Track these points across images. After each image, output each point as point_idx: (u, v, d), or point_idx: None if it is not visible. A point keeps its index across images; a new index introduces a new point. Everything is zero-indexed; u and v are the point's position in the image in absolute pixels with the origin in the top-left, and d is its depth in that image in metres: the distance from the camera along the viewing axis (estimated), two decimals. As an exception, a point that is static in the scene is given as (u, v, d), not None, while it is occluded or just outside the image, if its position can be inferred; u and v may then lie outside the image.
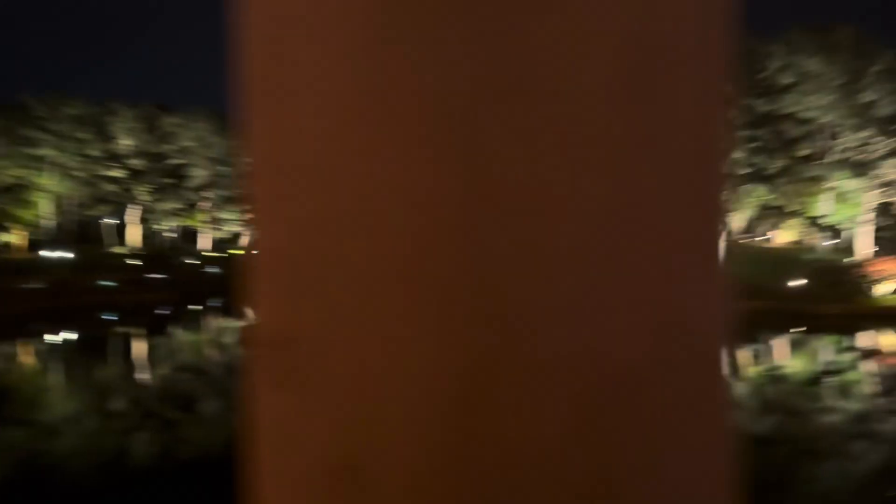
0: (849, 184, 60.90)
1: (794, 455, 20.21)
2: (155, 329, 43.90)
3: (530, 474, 0.38)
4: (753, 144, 53.55)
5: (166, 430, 21.07)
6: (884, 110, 58.05)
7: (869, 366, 32.35)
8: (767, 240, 73.38)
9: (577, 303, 0.45)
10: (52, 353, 37.84)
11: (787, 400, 26.36)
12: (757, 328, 43.70)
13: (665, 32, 0.41)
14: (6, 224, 72.75)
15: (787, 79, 58.32)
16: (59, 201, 76.87)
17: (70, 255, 63.02)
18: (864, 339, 39.58)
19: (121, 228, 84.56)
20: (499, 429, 0.39)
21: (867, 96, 58.41)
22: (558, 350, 0.44)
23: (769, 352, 37.05)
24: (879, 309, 45.07)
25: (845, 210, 64.81)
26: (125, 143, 79.61)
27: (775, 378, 30.18)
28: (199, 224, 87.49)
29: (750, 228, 74.73)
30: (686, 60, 0.42)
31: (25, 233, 73.98)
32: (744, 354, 36.33)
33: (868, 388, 28.22)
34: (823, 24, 59.13)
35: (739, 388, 28.26)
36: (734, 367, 0.46)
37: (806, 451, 20.49)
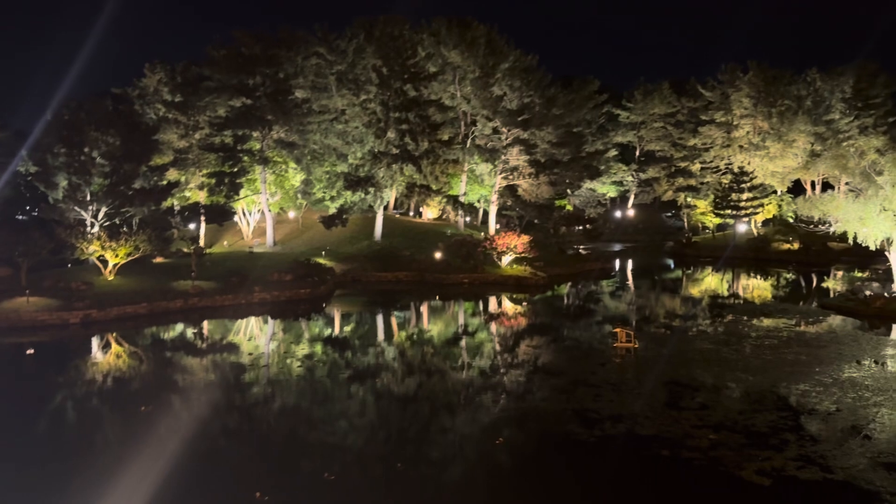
0: (481, 167, 68.35)
1: (433, 410, 21.64)
2: None
3: None
4: (403, 126, 56.69)
5: None
6: (511, 104, 66.08)
7: (495, 327, 36.36)
8: (415, 215, 79.06)
9: None
10: None
11: (429, 361, 28.26)
12: (404, 297, 46.65)
13: None
14: None
15: (432, 67, 62.94)
16: None
17: None
18: (492, 303, 44.61)
19: None
20: None
21: (498, 90, 65.87)
22: None
23: (415, 318, 39.59)
24: (503, 277, 51.44)
25: (479, 190, 72.69)
26: None
27: (420, 342, 32.22)
28: None
29: (400, 205, 79.64)
30: None
31: None
32: (393, 321, 38.31)
33: (494, 346, 31.63)
34: (463, 19, 64.95)
35: (388, 353, 29.42)
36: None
37: (444, 405, 22.09)
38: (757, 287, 52.85)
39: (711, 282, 56.32)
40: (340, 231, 58.86)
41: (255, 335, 34.51)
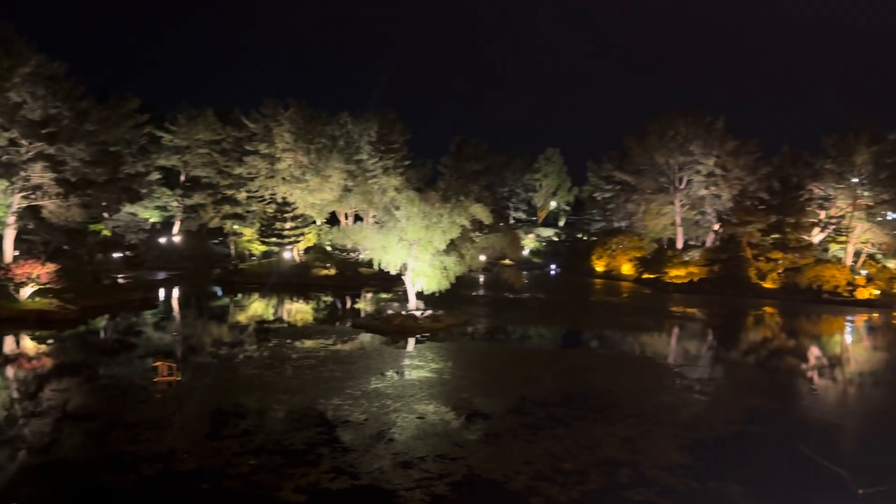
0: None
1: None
2: None
3: None
4: None
5: None
6: (33, 114, 57.77)
7: (12, 371, 31.08)
8: None
9: None
10: None
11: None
12: None
13: None
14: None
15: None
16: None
17: None
18: (7, 344, 38.07)
19: None
20: None
21: (16, 96, 56.96)
22: None
23: None
24: (22, 312, 44.31)
25: (-9, 211, 61.57)
26: None
27: None
28: None
29: None
30: None
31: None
32: None
33: (11, 394, 26.98)
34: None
35: None
36: None
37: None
38: (299, 310, 56.14)
39: (258, 307, 57.84)
40: None
41: None
